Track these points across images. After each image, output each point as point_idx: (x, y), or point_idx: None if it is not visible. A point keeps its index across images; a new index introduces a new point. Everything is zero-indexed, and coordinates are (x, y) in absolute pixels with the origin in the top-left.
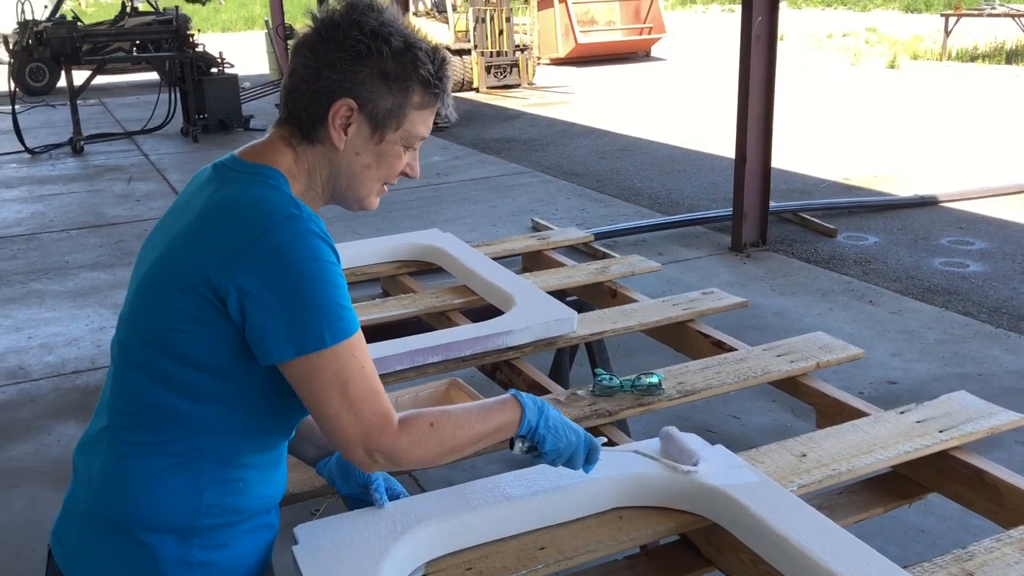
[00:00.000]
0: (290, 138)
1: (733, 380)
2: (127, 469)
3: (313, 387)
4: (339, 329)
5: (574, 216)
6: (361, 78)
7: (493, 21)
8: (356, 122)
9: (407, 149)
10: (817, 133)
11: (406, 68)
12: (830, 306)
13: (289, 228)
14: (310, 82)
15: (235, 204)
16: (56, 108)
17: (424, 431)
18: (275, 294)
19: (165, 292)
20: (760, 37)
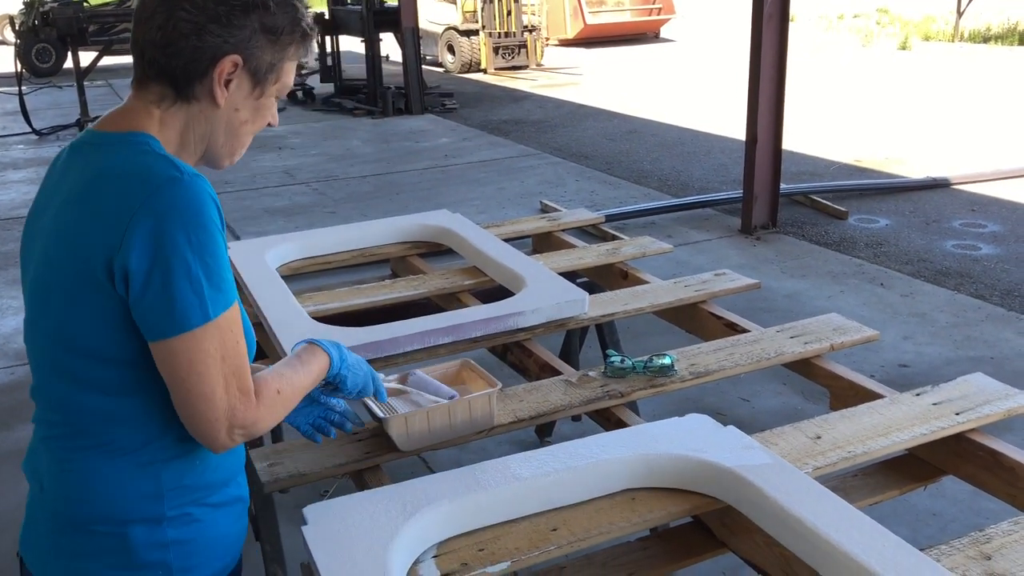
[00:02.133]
0: (159, 100)
1: (746, 362)
2: (77, 473)
3: (193, 365)
4: (220, 300)
5: (583, 198)
6: (247, 33)
7: (501, 2)
8: (238, 78)
9: (279, 96)
10: (828, 115)
11: (289, 23)
12: (841, 289)
13: (172, 193)
14: (189, 38)
15: (110, 176)
16: (63, 89)
17: (274, 398)
18: (157, 267)
19: (59, 288)
20: (772, 16)
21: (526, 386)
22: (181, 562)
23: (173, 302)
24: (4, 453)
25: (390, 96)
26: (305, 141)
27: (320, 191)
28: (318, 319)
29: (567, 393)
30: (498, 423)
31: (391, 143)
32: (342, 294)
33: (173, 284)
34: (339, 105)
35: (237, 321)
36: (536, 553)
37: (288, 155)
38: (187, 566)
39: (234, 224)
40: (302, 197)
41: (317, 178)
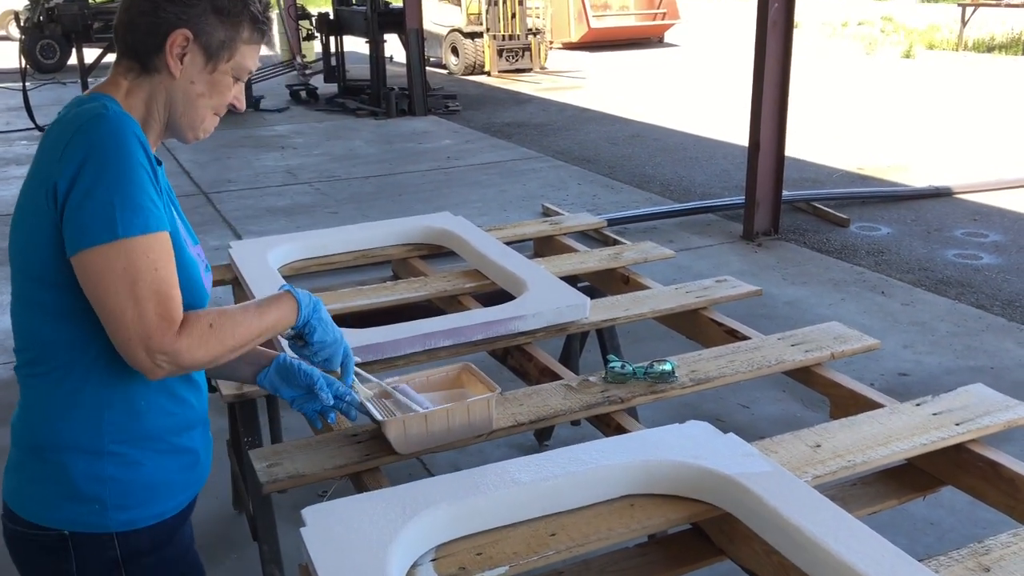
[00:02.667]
0: (127, 73)
1: (747, 369)
2: (34, 399)
3: (101, 280)
4: (133, 224)
5: (585, 202)
6: (197, 12)
7: (506, 4)
8: (191, 52)
9: (236, 81)
10: (831, 122)
11: (237, 5)
12: (842, 296)
13: (96, 125)
14: (147, 15)
15: (59, 123)
16: (66, 86)
17: (204, 331)
18: (78, 186)
19: (20, 220)
20: (777, 23)
21: (526, 390)
22: (116, 500)
23: (84, 217)
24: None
25: (393, 97)
26: (308, 141)
27: (322, 191)
28: None
29: (567, 398)
30: (497, 427)
31: (394, 144)
32: (344, 295)
33: (86, 203)
34: (342, 105)
35: (158, 248)
36: (535, 558)
37: (291, 155)
38: (122, 504)
39: (236, 223)
40: (304, 197)
41: (319, 178)
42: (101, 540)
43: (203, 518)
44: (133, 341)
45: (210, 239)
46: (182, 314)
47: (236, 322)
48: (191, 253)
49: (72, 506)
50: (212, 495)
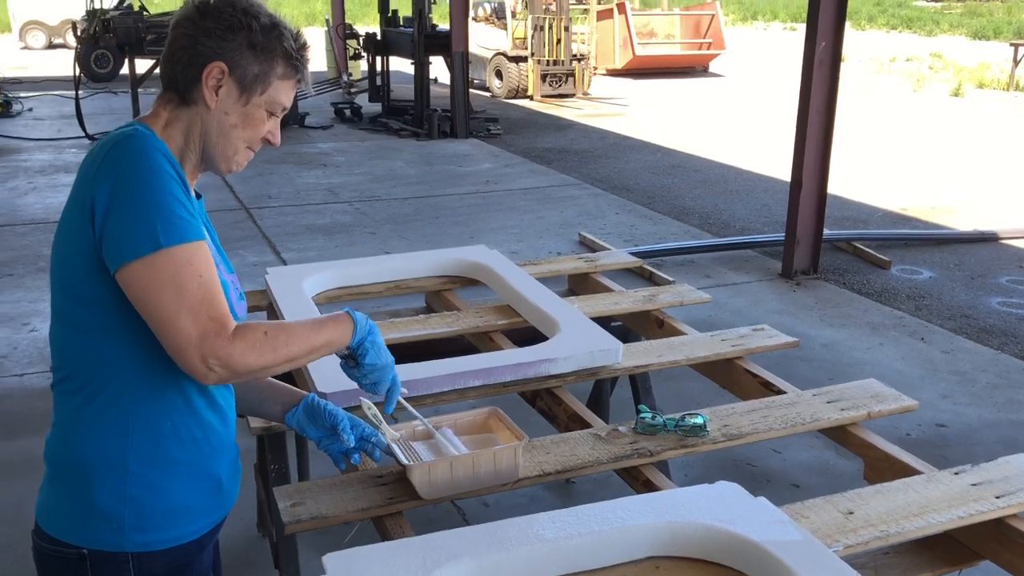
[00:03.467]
0: (167, 103)
1: (780, 426)
2: (65, 416)
3: (150, 291)
4: (173, 233)
5: (622, 232)
6: (233, 46)
7: (552, 30)
8: (226, 84)
9: (270, 115)
10: (875, 160)
11: (272, 41)
12: (880, 341)
13: (127, 143)
14: (187, 49)
15: (96, 145)
16: (117, 95)
17: (258, 338)
18: (113, 201)
19: (60, 235)
20: (823, 63)
21: (553, 438)
22: (135, 521)
23: (124, 232)
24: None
25: (436, 119)
26: (350, 159)
27: (361, 211)
28: None
29: (595, 448)
30: (523, 476)
31: (434, 166)
32: None
33: (125, 217)
34: (386, 125)
35: (201, 257)
36: None
37: (332, 173)
38: (140, 525)
39: (276, 240)
40: (343, 216)
41: (359, 197)
42: (117, 560)
43: (227, 538)
44: (187, 347)
45: (249, 255)
46: (233, 320)
47: (291, 334)
48: (224, 278)
49: (92, 524)
50: (238, 516)
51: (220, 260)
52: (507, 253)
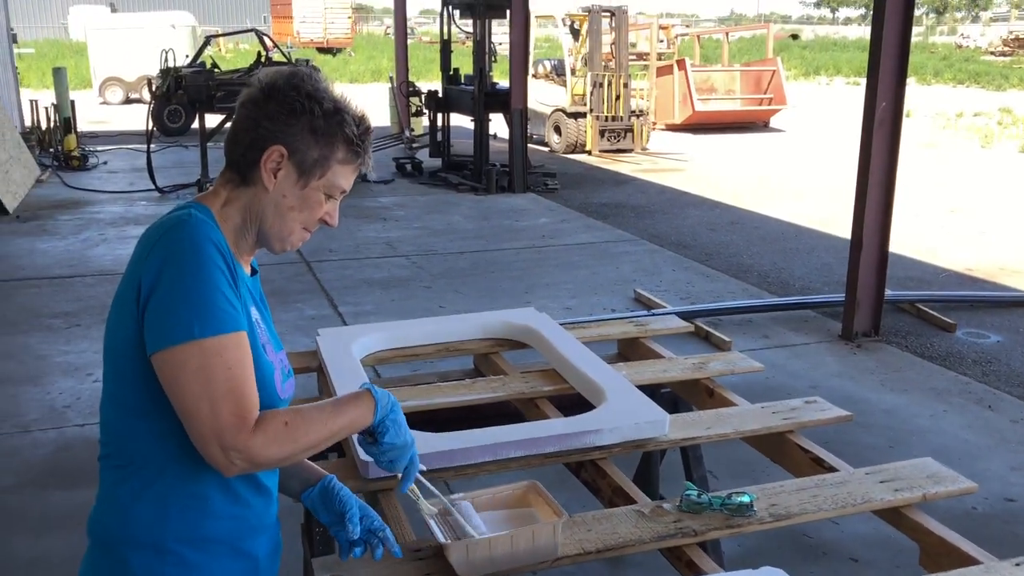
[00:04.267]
0: (227, 183)
1: (830, 507)
2: (107, 491)
3: (178, 379)
4: (209, 324)
5: (679, 289)
6: (294, 130)
7: (611, 86)
8: (285, 167)
9: (328, 198)
10: (941, 217)
11: (333, 127)
12: (944, 408)
13: (178, 230)
14: (249, 131)
15: (152, 226)
16: (188, 149)
17: (279, 429)
18: (157, 286)
19: (112, 311)
20: (883, 122)
21: (595, 514)
22: None
23: (163, 318)
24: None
25: (494, 174)
26: (409, 213)
27: (418, 264)
28: None
29: (638, 526)
30: (562, 554)
31: (491, 220)
32: (421, 391)
33: (165, 303)
34: (445, 180)
35: (233, 349)
36: None
37: (392, 226)
38: None
39: (334, 293)
40: (401, 270)
41: (417, 251)
42: None
43: None
44: (208, 438)
45: (307, 308)
46: (257, 412)
47: (311, 420)
48: (268, 358)
49: None
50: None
51: (269, 338)
52: (561, 309)
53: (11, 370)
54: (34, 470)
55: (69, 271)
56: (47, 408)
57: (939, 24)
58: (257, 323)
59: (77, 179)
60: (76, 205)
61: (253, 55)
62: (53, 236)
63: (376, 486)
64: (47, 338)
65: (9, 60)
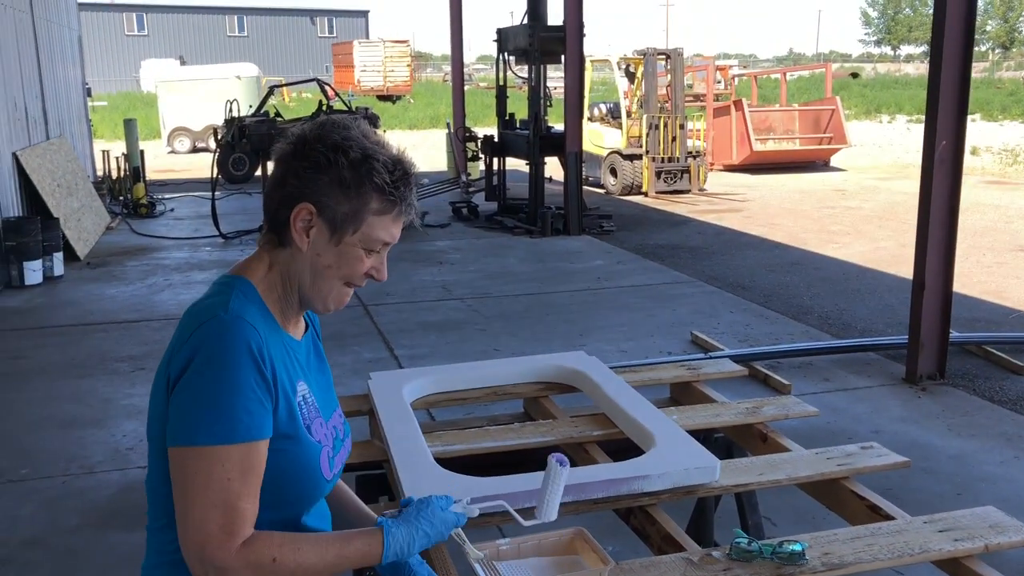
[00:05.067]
0: (268, 244)
1: (886, 556)
2: (150, 555)
3: (178, 477)
4: (218, 432)
5: (736, 331)
6: (320, 185)
7: (667, 128)
8: (316, 225)
9: (369, 252)
10: (1008, 257)
11: (361, 177)
12: (1015, 454)
13: (209, 328)
14: (279, 189)
15: (189, 312)
16: (251, 196)
17: (264, 563)
18: (180, 383)
19: (153, 388)
20: (944, 161)
21: (643, 561)
22: None
23: (178, 416)
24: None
25: (549, 216)
26: (465, 257)
27: (474, 308)
28: (443, 460)
29: (687, 574)
30: None
31: (546, 263)
32: (470, 435)
33: (183, 401)
34: (500, 223)
35: (238, 460)
36: None
37: (447, 270)
38: None
39: (390, 336)
40: (456, 313)
41: (472, 294)
42: None
43: None
44: (189, 545)
45: (364, 351)
46: (249, 529)
47: (307, 554)
48: (316, 438)
49: None
50: None
51: (317, 410)
52: (616, 351)
53: (78, 412)
54: (98, 511)
55: (136, 316)
56: (111, 450)
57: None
58: (303, 401)
59: (145, 226)
60: (143, 251)
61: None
62: (121, 282)
63: None
64: (113, 381)
65: (84, 113)
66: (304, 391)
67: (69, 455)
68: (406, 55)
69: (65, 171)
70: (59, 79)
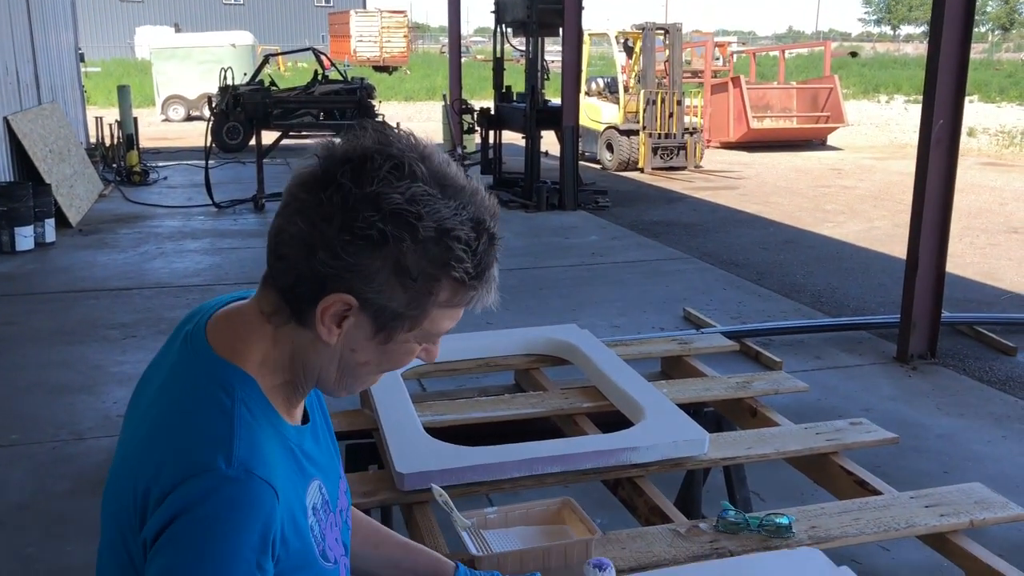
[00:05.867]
0: (274, 313)
1: (872, 530)
2: None
3: None
4: None
5: (729, 309)
6: (368, 272)
7: (664, 103)
8: (355, 316)
9: (423, 342)
10: (1001, 238)
11: (434, 264)
12: (1003, 434)
13: (202, 490)
14: (300, 259)
15: (174, 423)
16: (245, 165)
17: None
18: (162, 544)
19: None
20: (940, 141)
21: (629, 532)
22: None
23: None
24: None
25: (545, 191)
26: None
27: None
28: (433, 430)
29: (673, 545)
30: None
31: (541, 237)
32: (460, 406)
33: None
34: (496, 197)
35: None
36: None
37: None
38: None
39: None
40: None
41: None
42: None
43: None
44: None
45: None
46: None
47: None
48: (329, 559)
49: None
50: None
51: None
52: (609, 327)
53: (68, 379)
54: (88, 477)
55: (127, 283)
56: (102, 416)
57: (1005, 41)
58: (314, 514)
59: (138, 194)
60: (136, 219)
61: (311, 73)
62: (113, 249)
63: (411, 498)
64: (103, 348)
65: (77, 78)
66: (315, 499)
67: (59, 421)
68: (403, 26)
69: (57, 137)
70: (51, 43)
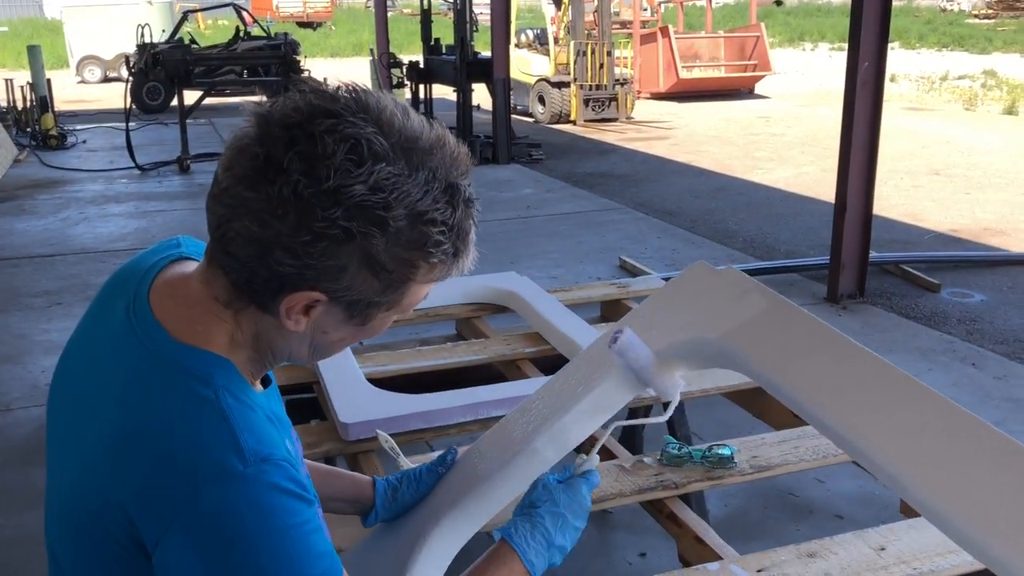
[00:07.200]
0: (231, 302)
1: (811, 457)
2: None
3: None
4: None
5: (664, 256)
6: (334, 270)
7: (594, 55)
8: (324, 307)
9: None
10: (925, 179)
11: (409, 249)
12: (929, 367)
13: (229, 492)
14: (253, 258)
15: (155, 438)
16: (167, 126)
17: None
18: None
19: (82, 524)
20: (866, 83)
21: None
22: None
23: None
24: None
25: (477, 145)
26: None
27: None
28: (377, 380)
29: (619, 480)
30: None
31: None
32: (403, 356)
33: None
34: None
35: None
36: None
37: None
38: None
39: None
40: None
41: None
42: None
43: None
44: None
45: None
46: None
47: None
48: None
49: None
50: None
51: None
52: (547, 278)
53: None
54: (17, 448)
55: (49, 250)
56: (29, 386)
57: None
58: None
59: (56, 158)
60: (55, 184)
61: (232, 31)
62: (32, 216)
63: (356, 448)
64: (27, 317)
65: None
66: None
67: None
68: None
69: None
70: None
